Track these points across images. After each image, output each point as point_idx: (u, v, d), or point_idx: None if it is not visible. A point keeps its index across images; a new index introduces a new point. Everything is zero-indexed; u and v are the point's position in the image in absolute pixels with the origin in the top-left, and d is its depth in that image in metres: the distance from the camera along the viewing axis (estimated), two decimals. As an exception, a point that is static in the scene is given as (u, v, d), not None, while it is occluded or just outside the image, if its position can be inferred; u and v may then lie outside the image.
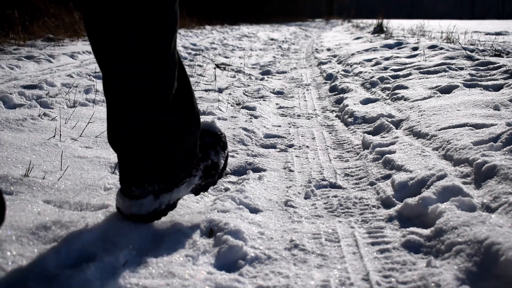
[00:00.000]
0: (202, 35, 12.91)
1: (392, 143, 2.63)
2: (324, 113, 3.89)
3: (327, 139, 3.06)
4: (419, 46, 6.69)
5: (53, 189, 1.84)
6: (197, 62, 6.87)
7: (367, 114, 3.38)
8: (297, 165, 2.51)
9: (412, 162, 2.22)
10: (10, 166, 2.01)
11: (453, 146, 2.30)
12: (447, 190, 1.79)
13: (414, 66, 5.03)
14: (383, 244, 1.57)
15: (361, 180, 2.25)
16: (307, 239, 1.62)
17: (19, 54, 6.05)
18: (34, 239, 1.43)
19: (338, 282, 1.35)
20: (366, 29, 14.39)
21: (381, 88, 4.32)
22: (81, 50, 6.75)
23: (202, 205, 1.91)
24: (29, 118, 2.78)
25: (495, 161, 1.92)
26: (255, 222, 1.74)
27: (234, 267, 1.44)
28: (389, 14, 25.60)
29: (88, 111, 3.20)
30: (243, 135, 2.95)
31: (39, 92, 3.77)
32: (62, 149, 2.34)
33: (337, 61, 7.08)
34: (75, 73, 4.85)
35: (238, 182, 2.21)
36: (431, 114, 2.98)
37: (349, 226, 1.74)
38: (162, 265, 1.39)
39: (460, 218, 1.54)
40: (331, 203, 1.97)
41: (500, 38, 9.03)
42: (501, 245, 1.30)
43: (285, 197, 2.03)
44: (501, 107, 2.86)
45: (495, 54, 5.56)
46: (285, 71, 6.74)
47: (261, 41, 12.62)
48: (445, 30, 9.72)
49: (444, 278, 1.29)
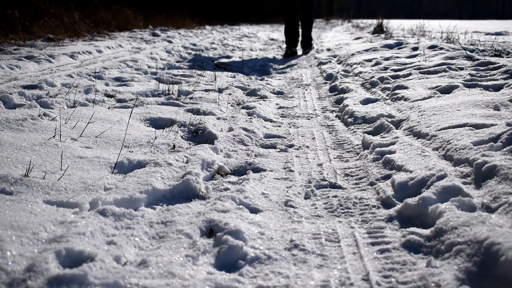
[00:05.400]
0: (202, 35, 12.91)
1: (392, 143, 2.63)
2: (324, 113, 3.89)
3: (327, 139, 3.06)
4: (419, 46, 6.69)
5: (53, 189, 1.84)
6: (197, 62, 6.87)
7: (367, 114, 3.38)
8: (297, 165, 2.51)
9: (412, 162, 2.22)
10: (10, 166, 2.01)
11: (453, 146, 2.30)
12: (447, 190, 1.79)
13: (414, 66, 5.03)
14: (383, 244, 1.57)
15: (361, 180, 2.25)
16: (307, 239, 1.62)
17: (19, 54, 6.05)
18: (34, 239, 1.43)
19: (338, 282, 1.36)
20: (366, 29, 14.38)
21: (381, 88, 4.32)
22: (81, 50, 6.75)
23: (202, 205, 1.91)
24: (29, 118, 2.78)
25: (495, 161, 1.92)
26: (255, 222, 1.74)
27: (234, 267, 1.44)
28: (389, 14, 25.61)
29: (88, 111, 3.20)
30: (243, 135, 2.95)
31: (39, 92, 3.77)
32: (62, 149, 2.34)
33: (337, 61, 7.08)
34: (75, 73, 4.85)
35: (238, 182, 2.21)
36: (431, 114, 2.98)
37: (349, 226, 1.74)
38: (162, 265, 1.39)
39: (460, 218, 1.54)
40: (331, 203, 1.97)
41: (500, 38, 9.03)
42: (501, 245, 1.30)
43: (285, 197, 2.03)
44: (501, 107, 2.86)
45: (495, 54, 5.56)
46: (285, 71, 6.74)
47: (261, 41, 12.62)
48: (445, 30, 9.71)
49: (444, 278, 1.29)
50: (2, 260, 1.28)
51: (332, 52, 8.36)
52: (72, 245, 1.39)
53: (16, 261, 1.29)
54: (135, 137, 2.73)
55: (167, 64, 6.48)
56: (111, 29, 10.98)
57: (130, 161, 2.30)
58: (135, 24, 12.21)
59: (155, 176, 2.07)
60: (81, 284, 1.23)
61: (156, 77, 5.21)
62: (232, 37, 13.29)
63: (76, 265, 1.33)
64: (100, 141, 2.60)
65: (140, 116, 3.27)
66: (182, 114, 3.40)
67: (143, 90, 4.33)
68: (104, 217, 1.63)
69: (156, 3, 16.39)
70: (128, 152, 2.47)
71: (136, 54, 7.04)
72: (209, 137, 2.91)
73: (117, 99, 3.93)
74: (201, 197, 2.01)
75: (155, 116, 3.29)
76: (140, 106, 3.61)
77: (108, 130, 2.79)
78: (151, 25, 12.79)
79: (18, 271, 1.25)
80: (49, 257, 1.31)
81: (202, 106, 3.69)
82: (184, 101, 3.93)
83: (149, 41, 9.43)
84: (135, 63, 6.10)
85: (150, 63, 6.38)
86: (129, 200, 1.84)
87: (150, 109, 3.50)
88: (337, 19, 31.62)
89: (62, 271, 1.26)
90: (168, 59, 7.13)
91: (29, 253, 1.35)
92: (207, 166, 2.34)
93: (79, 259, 1.36)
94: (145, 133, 2.87)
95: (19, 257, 1.31)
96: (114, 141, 2.62)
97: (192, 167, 2.22)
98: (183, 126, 3.10)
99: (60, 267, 1.30)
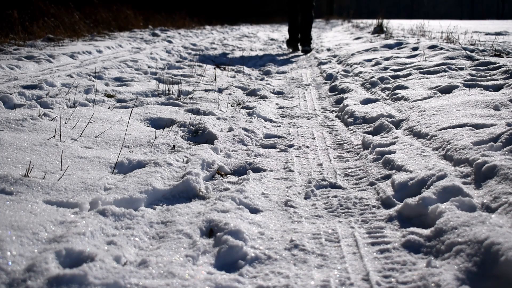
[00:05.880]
0: (202, 35, 12.91)
1: (392, 143, 2.63)
2: (324, 113, 3.89)
3: (327, 139, 3.06)
4: (419, 46, 6.69)
5: (53, 189, 1.84)
6: (197, 62, 6.87)
7: (367, 114, 3.38)
8: (297, 165, 2.51)
9: (412, 162, 2.22)
10: (10, 166, 2.01)
11: (453, 146, 2.30)
12: (447, 190, 1.79)
13: (414, 66, 5.03)
14: (383, 244, 1.57)
15: (361, 180, 2.25)
16: (307, 239, 1.62)
17: (19, 54, 6.05)
18: (34, 239, 1.43)
19: (338, 282, 1.36)
20: (366, 29, 14.38)
21: (381, 88, 4.32)
22: (81, 50, 6.75)
23: (202, 205, 1.91)
24: (29, 118, 2.78)
25: (495, 161, 1.92)
26: (255, 222, 1.74)
27: (234, 267, 1.44)
28: (389, 14, 25.59)
29: (88, 111, 3.20)
30: (243, 135, 2.95)
31: (39, 92, 3.77)
32: (62, 149, 2.34)
33: (337, 61, 7.08)
34: (75, 73, 4.85)
35: (238, 182, 2.21)
36: (431, 114, 2.98)
37: (349, 226, 1.74)
38: (162, 265, 1.39)
39: (460, 218, 1.54)
40: (331, 203, 1.97)
41: (500, 38, 9.03)
42: (501, 245, 1.30)
43: (285, 197, 2.03)
44: (501, 107, 2.86)
45: (495, 54, 5.56)
46: (285, 71, 6.74)
47: (261, 41, 12.62)
48: (445, 30, 9.71)
49: (444, 278, 1.29)
50: (2, 260, 1.28)
51: (332, 52, 8.36)
52: (72, 245, 1.39)
53: (16, 261, 1.29)
54: (135, 137, 2.73)
55: (167, 64, 6.48)
56: (111, 29, 10.98)
57: (130, 161, 2.30)
58: (135, 24, 12.22)
59: (155, 176, 2.07)
60: (81, 284, 1.23)
61: (156, 77, 5.21)
62: (232, 37, 13.29)
63: (76, 265, 1.33)
64: (100, 141, 2.60)
65: (140, 116, 3.27)
66: (182, 114, 3.40)
67: (143, 90, 4.33)
68: (104, 217, 1.63)
69: (156, 3, 16.39)
70: (128, 152, 2.47)
71: (136, 54, 7.04)
72: (209, 137, 2.91)
73: (117, 99, 3.93)
74: (201, 197, 2.01)
75: (155, 116, 3.29)
76: (140, 106, 3.61)
77: (108, 130, 2.79)
78: (151, 25, 12.79)
79: (18, 271, 1.25)
80: (49, 257, 1.31)
81: (202, 106, 3.69)
82: (184, 101, 3.93)
83: (149, 41, 9.43)
84: (135, 63, 6.10)
85: (150, 63, 6.38)
86: (129, 200, 1.84)
87: (150, 109, 3.50)
88: (337, 19, 31.61)
89: (62, 271, 1.26)
90: (168, 59, 7.13)
91: (29, 253, 1.35)
92: (207, 166, 2.34)
93: (79, 259, 1.36)
94: (145, 133, 2.87)
95: (19, 257, 1.31)
96: (114, 141, 2.62)
97: (192, 167, 2.22)
98: (183, 126, 3.10)
99: (60, 267, 1.30)
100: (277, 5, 28.55)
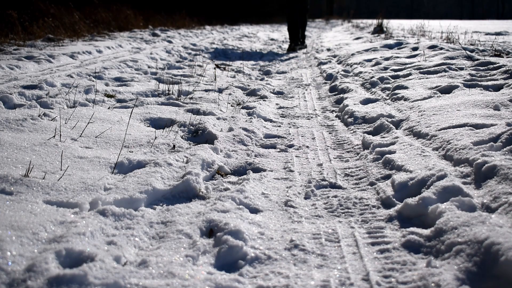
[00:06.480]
0: (202, 35, 12.91)
1: (392, 143, 2.63)
2: (324, 113, 3.89)
3: (327, 139, 3.06)
4: (419, 46, 6.69)
5: (53, 189, 1.84)
6: (197, 62, 6.87)
7: (367, 114, 3.38)
8: (297, 165, 2.51)
9: (412, 162, 2.22)
10: (10, 166, 2.01)
11: (453, 146, 2.30)
12: (447, 190, 1.79)
13: (414, 66, 5.03)
14: (383, 244, 1.57)
15: (361, 180, 2.25)
16: (307, 239, 1.62)
17: (19, 54, 6.05)
18: (34, 239, 1.43)
19: (338, 282, 1.36)
20: (366, 29, 14.38)
21: (381, 88, 4.32)
22: (81, 50, 6.75)
23: (202, 205, 1.91)
24: (29, 118, 2.78)
25: (495, 161, 1.92)
26: (255, 222, 1.74)
27: (234, 267, 1.44)
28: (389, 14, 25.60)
29: (88, 111, 3.20)
30: (243, 135, 2.95)
31: (39, 92, 3.77)
32: (62, 149, 2.34)
33: (337, 61, 7.08)
34: (75, 73, 4.85)
35: (238, 182, 2.21)
36: (431, 114, 2.98)
37: (349, 226, 1.74)
38: (162, 265, 1.39)
39: (460, 218, 1.54)
40: (331, 203, 1.97)
41: (500, 38, 9.03)
42: (501, 245, 1.30)
43: (285, 197, 2.03)
44: (501, 107, 2.86)
45: (495, 54, 5.56)
46: (285, 71, 6.74)
47: (261, 41, 12.62)
48: (445, 30, 9.71)
49: (444, 278, 1.29)
50: (2, 260, 1.28)
51: (332, 52, 8.36)
52: (72, 245, 1.39)
53: (16, 261, 1.29)
54: (135, 137, 2.73)
55: (167, 64, 6.48)
56: (111, 29, 10.98)
57: (130, 161, 2.30)
58: (135, 24, 12.22)
59: (155, 176, 2.07)
60: (81, 284, 1.23)
61: (156, 77, 5.21)
62: (232, 37, 13.29)
63: (76, 265, 1.33)
64: (100, 141, 2.60)
65: (140, 116, 3.27)
66: (182, 114, 3.40)
67: (143, 90, 4.33)
68: (104, 217, 1.63)
69: (156, 3, 16.39)
70: (128, 152, 2.47)
71: (136, 54, 7.04)
72: (209, 137, 2.91)
73: (117, 99, 3.93)
74: (201, 197, 2.01)
75: (155, 116, 3.29)
76: (140, 106, 3.61)
77: (108, 130, 2.79)
78: (151, 25, 12.79)
79: (18, 271, 1.25)
80: (49, 257, 1.31)
81: (202, 106, 3.69)
82: (184, 101, 3.93)
83: (149, 41, 9.43)
84: (135, 63, 6.10)
85: (150, 63, 6.38)
86: (129, 200, 1.84)
87: (150, 109, 3.50)
88: (337, 19, 31.62)
89: (62, 271, 1.26)
90: (168, 59, 7.13)
91: (29, 253, 1.35)
92: (207, 166, 2.34)
93: (79, 259, 1.36)
94: (145, 133, 2.88)
95: (19, 257, 1.31)
96: (114, 141, 2.62)
97: (192, 167, 2.22)
98: (183, 126, 3.10)
99: (60, 267, 1.30)
100: (277, 5, 28.54)
